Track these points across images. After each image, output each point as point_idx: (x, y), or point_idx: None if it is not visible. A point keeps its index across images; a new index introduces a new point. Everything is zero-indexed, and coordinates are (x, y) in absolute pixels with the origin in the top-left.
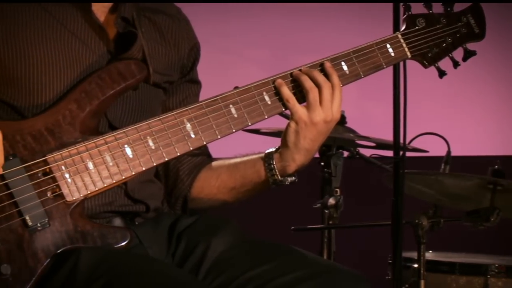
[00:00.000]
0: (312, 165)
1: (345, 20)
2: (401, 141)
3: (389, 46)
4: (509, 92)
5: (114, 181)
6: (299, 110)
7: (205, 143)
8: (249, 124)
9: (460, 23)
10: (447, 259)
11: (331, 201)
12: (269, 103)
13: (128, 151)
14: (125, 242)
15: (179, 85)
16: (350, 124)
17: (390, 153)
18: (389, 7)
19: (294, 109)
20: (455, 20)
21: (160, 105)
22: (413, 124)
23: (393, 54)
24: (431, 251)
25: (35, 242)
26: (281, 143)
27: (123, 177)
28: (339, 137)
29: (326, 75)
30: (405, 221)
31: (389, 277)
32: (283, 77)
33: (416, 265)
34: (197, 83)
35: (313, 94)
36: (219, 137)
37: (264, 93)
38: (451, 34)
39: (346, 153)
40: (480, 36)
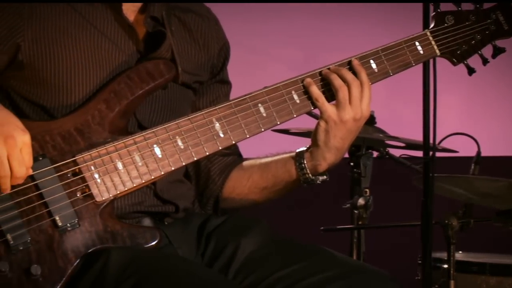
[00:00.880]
0: (341, 166)
1: (374, 19)
2: (431, 141)
3: (418, 43)
4: None
5: (143, 181)
6: (329, 108)
7: (234, 142)
8: (278, 123)
9: (489, 20)
10: (477, 259)
11: (361, 201)
12: (298, 102)
13: (157, 150)
14: (155, 242)
15: (209, 86)
16: (379, 124)
17: (420, 154)
18: (418, 7)
19: (323, 107)
20: (484, 17)
21: (189, 105)
22: (443, 124)
23: (422, 51)
24: (461, 252)
25: (65, 242)
26: (312, 142)
27: (152, 177)
28: (368, 137)
29: (354, 73)
30: (435, 221)
31: (419, 278)
32: (312, 76)
33: (446, 266)
34: (227, 84)
35: (342, 92)
36: (248, 136)
37: (293, 92)
38: (480, 31)
39: (375, 153)
40: (509, 33)
